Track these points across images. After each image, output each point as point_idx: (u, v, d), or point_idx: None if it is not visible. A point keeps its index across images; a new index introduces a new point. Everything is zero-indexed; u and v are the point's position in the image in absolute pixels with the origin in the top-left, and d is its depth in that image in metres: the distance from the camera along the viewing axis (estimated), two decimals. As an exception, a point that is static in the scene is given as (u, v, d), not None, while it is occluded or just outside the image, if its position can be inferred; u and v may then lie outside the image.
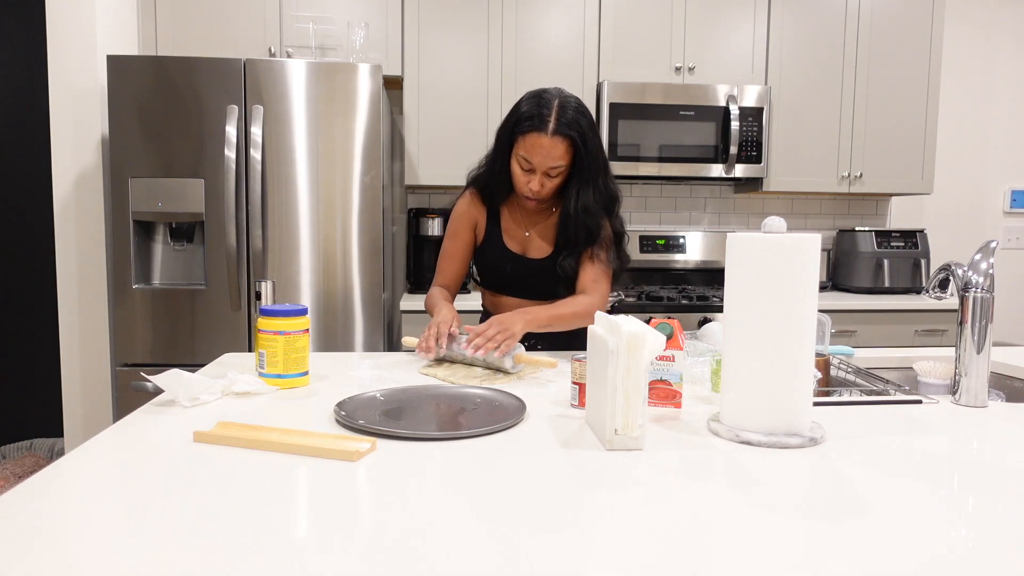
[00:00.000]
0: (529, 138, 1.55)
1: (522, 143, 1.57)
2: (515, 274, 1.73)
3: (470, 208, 1.76)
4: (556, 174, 1.59)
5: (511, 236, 1.75)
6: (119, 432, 1.03)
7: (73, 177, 2.65)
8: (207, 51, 2.92)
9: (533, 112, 1.55)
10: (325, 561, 0.64)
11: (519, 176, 1.62)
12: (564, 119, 1.54)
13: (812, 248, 1.00)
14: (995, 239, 1.51)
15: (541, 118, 1.54)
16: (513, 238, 1.74)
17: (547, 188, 1.62)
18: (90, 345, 2.70)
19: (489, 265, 1.75)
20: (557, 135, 1.54)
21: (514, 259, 1.73)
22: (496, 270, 1.75)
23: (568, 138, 1.55)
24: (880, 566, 0.65)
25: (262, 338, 1.33)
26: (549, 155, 1.55)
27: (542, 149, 1.54)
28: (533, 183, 1.60)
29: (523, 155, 1.57)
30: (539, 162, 1.56)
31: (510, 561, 0.65)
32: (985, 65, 3.74)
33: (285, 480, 0.84)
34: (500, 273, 1.74)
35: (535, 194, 1.62)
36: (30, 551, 0.66)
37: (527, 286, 1.74)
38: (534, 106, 1.56)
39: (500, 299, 1.78)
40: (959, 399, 1.26)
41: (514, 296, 1.76)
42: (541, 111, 1.55)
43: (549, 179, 1.60)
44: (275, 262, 2.59)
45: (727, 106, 3.10)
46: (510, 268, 1.73)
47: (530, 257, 1.73)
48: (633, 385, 0.97)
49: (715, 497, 0.81)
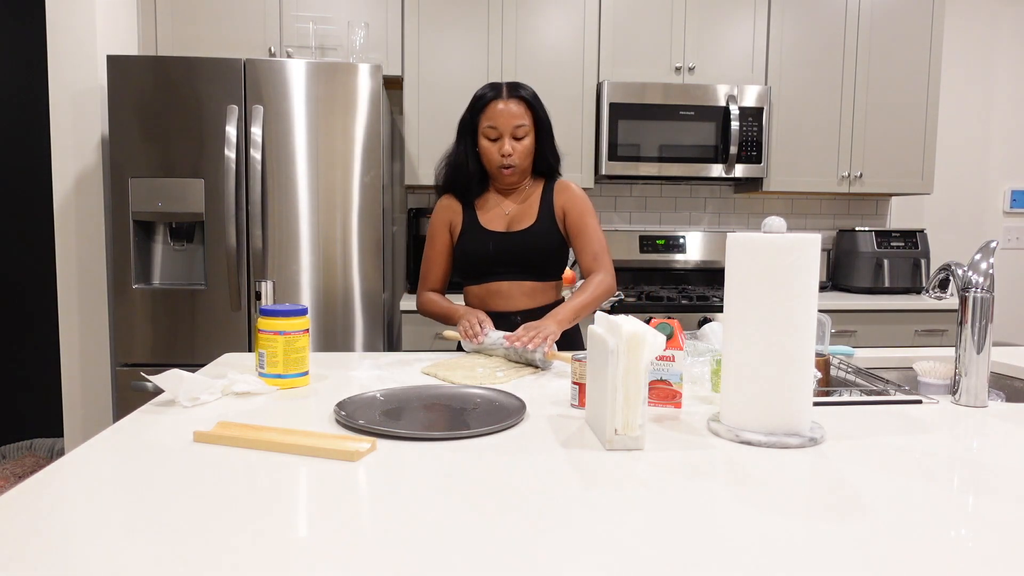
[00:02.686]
0: (489, 108, 1.72)
1: (484, 116, 1.73)
2: (498, 252, 1.76)
3: (444, 211, 1.84)
4: (522, 134, 1.73)
5: (491, 218, 1.80)
6: (119, 432, 1.03)
7: (73, 177, 2.65)
8: (207, 51, 2.92)
9: (487, 90, 1.74)
10: (325, 561, 0.64)
11: (489, 149, 1.74)
12: (516, 87, 1.74)
13: (812, 248, 1.00)
14: (995, 239, 1.51)
15: (496, 89, 1.73)
16: (494, 219, 1.80)
17: (518, 151, 1.73)
18: (90, 345, 2.70)
19: (470, 252, 1.79)
20: (512, 98, 1.73)
21: (497, 237, 1.77)
22: (477, 254, 1.77)
23: (522, 99, 1.73)
24: (880, 566, 0.65)
25: (262, 338, 1.33)
26: (511, 113, 1.71)
27: (503, 111, 1.71)
28: (504, 146, 1.72)
29: (488, 124, 1.72)
30: (503, 123, 1.71)
31: (510, 561, 0.65)
32: (985, 65, 3.74)
33: (285, 480, 0.84)
34: (484, 254, 1.77)
35: (508, 157, 1.72)
36: (30, 551, 0.66)
37: (512, 263, 1.76)
38: (489, 87, 1.75)
39: (487, 287, 1.79)
40: (959, 399, 1.26)
41: (500, 279, 1.78)
42: (494, 86, 1.74)
43: (517, 141, 1.73)
44: (275, 262, 2.59)
45: (727, 106, 3.10)
46: (492, 247, 1.76)
47: (515, 230, 1.77)
48: (633, 385, 0.97)
49: (715, 497, 0.81)
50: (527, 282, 1.77)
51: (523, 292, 1.77)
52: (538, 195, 1.81)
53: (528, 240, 1.75)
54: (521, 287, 1.77)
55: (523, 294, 1.77)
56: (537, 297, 1.78)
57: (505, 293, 1.77)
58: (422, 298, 1.86)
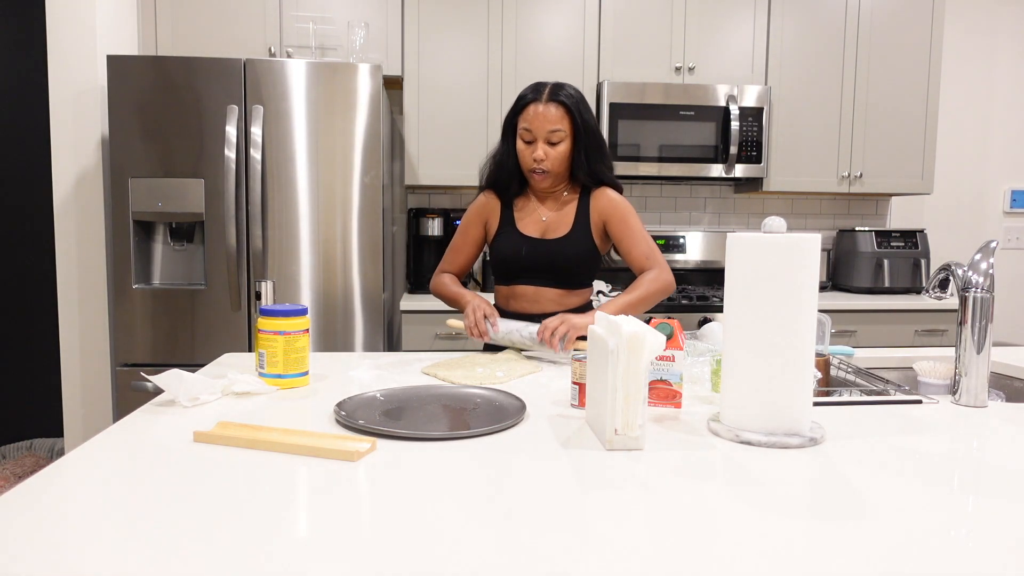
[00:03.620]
0: (527, 110, 1.69)
1: (523, 118, 1.70)
2: (530, 257, 1.76)
3: (483, 206, 1.83)
4: (557, 140, 1.69)
5: (527, 223, 1.79)
6: (119, 432, 1.03)
7: (73, 177, 2.65)
8: (207, 51, 2.92)
9: (530, 91, 1.71)
10: (325, 561, 0.64)
11: (523, 152, 1.72)
12: (558, 90, 1.70)
13: (812, 248, 1.00)
14: (995, 239, 1.51)
15: (537, 91, 1.70)
16: (530, 224, 1.79)
17: (551, 157, 1.69)
18: (90, 345, 2.70)
19: (503, 252, 1.78)
20: (551, 102, 1.68)
21: (531, 243, 1.76)
22: (510, 256, 1.77)
23: (562, 104, 1.68)
24: (880, 566, 0.65)
25: (262, 338, 1.33)
26: (546, 118, 1.67)
27: (539, 115, 1.67)
28: (537, 151, 1.69)
29: (524, 127, 1.70)
30: (538, 127, 1.67)
31: (510, 561, 0.65)
32: (985, 65, 3.74)
33: (285, 480, 0.84)
34: (516, 258, 1.77)
35: (539, 162, 1.69)
36: (30, 551, 0.66)
37: (543, 269, 1.76)
38: (532, 88, 1.72)
39: (514, 289, 1.80)
40: (959, 399, 1.26)
41: (528, 284, 1.78)
42: (538, 87, 1.71)
43: (551, 147, 1.69)
44: (275, 262, 2.59)
45: (727, 106, 3.10)
46: (525, 251, 1.76)
47: (550, 238, 1.77)
48: (633, 385, 0.97)
49: (715, 497, 0.81)
50: (556, 289, 1.77)
51: (550, 298, 1.77)
52: (575, 203, 1.78)
53: (562, 249, 1.74)
54: (548, 293, 1.77)
55: (550, 300, 1.77)
56: (564, 303, 1.78)
57: (531, 297, 1.77)
58: (437, 279, 1.85)
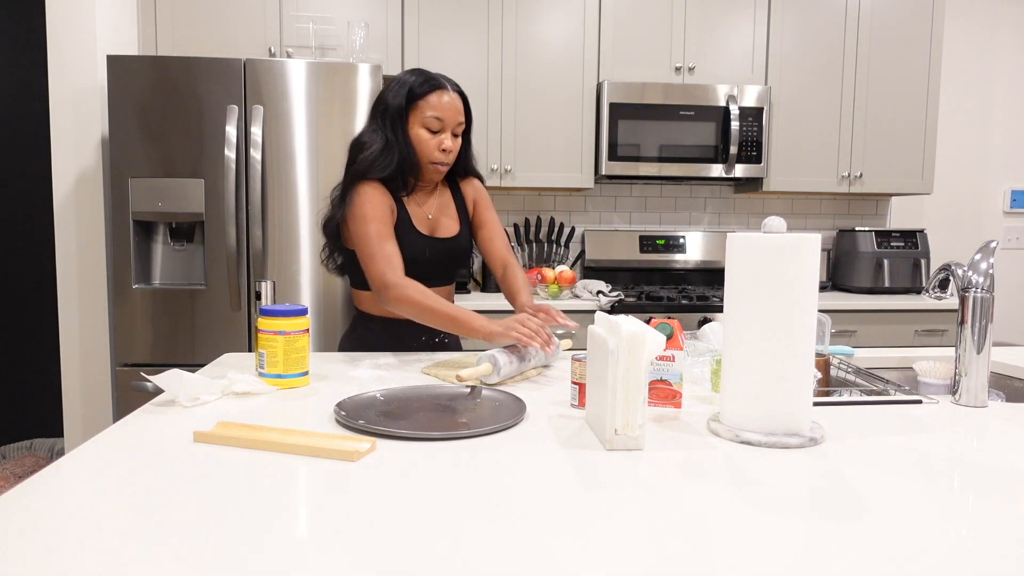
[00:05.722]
0: (433, 96, 1.58)
1: (426, 105, 1.58)
2: (432, 258, 1.69)
3: (384, 196, 1.62)
4: (459, 132, 1.64)
5: (418, 221, 1.69)
6: (119, 432, 1.03)
7: (73, 177, 2.65)
8: (207, 51, 2.92)
9: (425, 79, 1.60)
10: (325, 561, 0.64)
11: (428, 141, 1.60)
12: (454, 82, 1.64)
13: (812, 248, 1.00)
14: (995, 239, 1.51)
15: (436, 80, 1.60)
16: (422, 222, 1.70)
17: (455, 149, 1.64)
18: (90, 345, 2.70)
19: (406, 254, 1.63)
20: (455, 92, 1.62)
21: (431, 243, 1.69)
22: (417, 258, 1.66)
23: (462, 96, 1.63)
24: (880, 566, 0.65)
25: (262, 338, 1.33)
26: (456, 109, 1.61)
27: (450, 103, 1.60)
28: (446, 141, 1.61)
29: (432, 115, 1.59)
30: (450, 117, 1.60)
31: (510, 561, 0.65)
32: (985, 65, 3.74)
33: (285, 480, 0.84)
34: (420, 260, 1.67)
35: (447, 153, 1.62)
36: (30, 551, 0.66)
37: (442, 268, 1.72)
38: (422, 75, 1.61)
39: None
40: (959, 399, 1.26)
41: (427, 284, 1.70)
42: (432, 76, 1.61)
43: (455, 138, 1.64)
44: (275, 262, 2.59)
45: (727, 106, 3.10)
46: (429, 252, 1.68)
47: (439, 237, 1.71)
48: (633, 385, 0.97)
49: (715, 497, 0.81)
50: (443, 287, 1.75)
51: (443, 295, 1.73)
52: (449, 197, 1.75)
53: (460, 246, 1.73)
54: (442, 291, 1.74)
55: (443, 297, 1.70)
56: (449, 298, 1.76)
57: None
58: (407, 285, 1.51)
